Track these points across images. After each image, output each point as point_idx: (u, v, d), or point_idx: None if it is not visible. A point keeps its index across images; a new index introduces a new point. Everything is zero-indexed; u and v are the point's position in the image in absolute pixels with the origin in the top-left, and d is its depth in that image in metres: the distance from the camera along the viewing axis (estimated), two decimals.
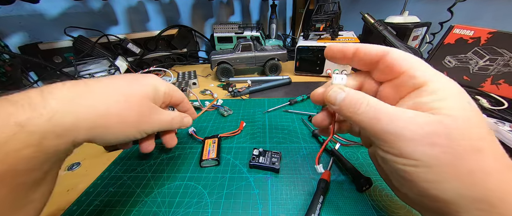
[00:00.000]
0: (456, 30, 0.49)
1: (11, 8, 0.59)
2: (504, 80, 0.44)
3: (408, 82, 0.17)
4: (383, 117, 0.15)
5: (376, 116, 0.16)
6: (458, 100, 0.15)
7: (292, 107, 0.47)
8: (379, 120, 0.16)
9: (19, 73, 0.58)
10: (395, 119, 0.15)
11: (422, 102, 0.15)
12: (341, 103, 0.18)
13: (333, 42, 0.60)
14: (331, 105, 0.19)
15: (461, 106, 0.15)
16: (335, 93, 0.18)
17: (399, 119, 0.15)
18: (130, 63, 0.73)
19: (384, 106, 0.16)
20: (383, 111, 0.16)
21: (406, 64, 0.17)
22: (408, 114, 0.15)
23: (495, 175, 0.13)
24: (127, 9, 0.82)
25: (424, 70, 0.16)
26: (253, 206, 0.25)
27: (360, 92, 0.18)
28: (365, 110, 0.16)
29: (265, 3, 1.11)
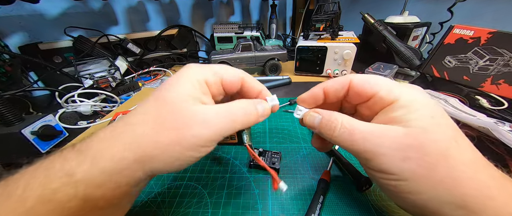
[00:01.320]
0: (456, 30, 0.49)
1: (11, 8, 0.59)
2: (504, 80, 0.44)
3: (379, 102, 0.18)
4: (358, 136, 0.16)
5: (351, 136, 0.17)
6: (427, 110, 0.16)
7: (292, 107, 0.47)
8: (354, 140, 0.16)
9: (19, 73, 0.58)
10: (369, 136, 0.16)
11: (393, 116, 0.16)
12: (319, 126, 0.19)
13: (333, 42, 0.60)
14: (311, 128, 0.20)
15: (429, 115, 0.15)
16: (312, 117, 0.20)
17: (373, 136, 0.16)
18: (130, 63, 0.73)
19: (357, 125, 0.17)
20: (357, 130, 0.17)
21: (371, 89, 0.18)
22: (380, 129, 0.16)
23: (467, 180, 0.14)
24: (127, 9, 0.82)
25: (390, 89, 0.17)
26: (253, 206, 0.25)
27: (335, 114, 0.18)
28: (340, 132, 0.17)
29: (265, 3, 1.11)
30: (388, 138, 0.15)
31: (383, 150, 0.15)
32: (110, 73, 0.59)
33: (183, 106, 0.16)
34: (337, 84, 0.20)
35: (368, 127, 0.17)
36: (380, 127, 0.16)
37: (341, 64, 0.61)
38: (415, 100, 0.16)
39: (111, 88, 0.57)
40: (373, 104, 0.18)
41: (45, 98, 0.64)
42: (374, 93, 0.18)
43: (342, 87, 0.20)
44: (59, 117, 0.46)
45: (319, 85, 0.21)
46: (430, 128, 0.15)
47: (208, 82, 0.18)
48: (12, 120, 0.34)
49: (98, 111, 0.52)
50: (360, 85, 0.19)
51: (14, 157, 0.36)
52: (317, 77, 0.65)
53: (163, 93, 0.17)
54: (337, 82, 0.20)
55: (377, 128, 0.16)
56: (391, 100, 0.17)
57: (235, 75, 0.20)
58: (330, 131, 0.18)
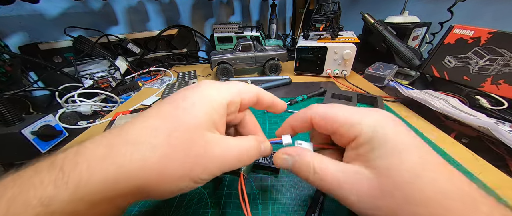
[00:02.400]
0: (456, 30, 0.49)
1: (11, 8, 0.59)
2: (504, 80, 0.44)
3: (342, 138, 0.17)
4: (330, 182, 0.16)
5: (324, 182, 0.16)
6: (389, 144, 0.15)
7: (292, 107, 0.47)
8: (327, 186, 0.16)
9: (19, 73, 0.58)
10: (341, 182, 0.16)
11: (358, 154, 0.16)
12: (293, 170, 0.18)
13: (333, 42, 0.60)
14: (286, 169, 0.19)
15: (391, 150, 0.14)
16: (283, 160, 0.19)
17: (345, 182, 0.15)
18: (130, 63, 0.73)
19: (329, 169, 0.16)
20: (328, 176, 0.16)
21: (330, 126, 0.18)
22: (348, 174, 0.16)
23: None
24: (127, 9, 0.82)
25: (350, 124, 0.16)
26: (253, 206, 0.25)
27: (307, 156, 0.18)
28: (314, 178, 0.17)
29: (265, 3, 1.11)
30: (356, 187, 0.15)
31: (353, 198, 0.15)
32: (110, 73, 0.59)
33: (198, 135, 0.15)
34: (298, 120, 0.20)
35: (338, 172, 0.16)
36: (349, 171, 0.16)
37: (341, 64, 0.61)
38: (375, 134, 0.15)
39: (111, 88, 0.57)
40: (338, 139, 0.18)
41: (45, 98, 0.64)
42: (334, 130, 0.17)
43: (304, 123, 0.20)
44: (59, 117, 0.46)
45: (286, 121, 0.21)
46: (392, 169, 0.14)
47: (230, 104, 0.17)
48: (12, 120, 0.34)
49: (98, 111, 0.52)
50: (321, 123, 0.18)
51: (15, 157, 0.36)
52: (317, 77, 0.65)
53: (178, 113, 0.15)
54: (298, 118, 0.20)
55: (346, 173, 0.16)
56: (353, 136, 0.16)
57: (253, 92, 0.20)
58: (304, 176, 0.17)
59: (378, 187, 0.14)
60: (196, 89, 0.17)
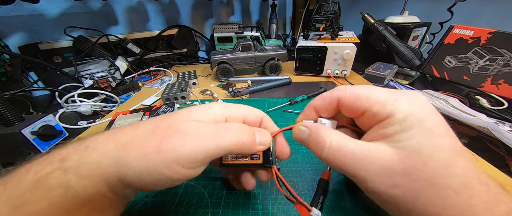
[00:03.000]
0: (456, 30, 0.49)
1: (11, 8, 0.59)
2: (504, 80, 0.44)
3: (372, 118, 0.16)
4: (347, 158, 0.15)
5: (340, 157, 0.16)
6: (423, 127, 0.14)
7: (292, 107, 0.47)
8: (343, 162, 0.16)
9: (19, 73, 0.58)
10: (358, 158, 0.15)
11: (384, 133, 0.15)
12: (307, 142, 0.18)
13: (333, 42, 0.60)
14: (300, 142, 0.19)
15: (425, 134, 0.14)
16: (300, 131, 0.19)
17: (362, 159, 0.15)
18: (130, 63, 0.73)
19: (347, 145, 0.16)
20: (346, 151, 0.16)
21: (361, 105, 0.17)
22: (369, 151, 0.15)
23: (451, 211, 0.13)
24: (127, 9, 0.82)
25: (384, 103, 0.15)
26: (253, 206, 0.25)
27: (323, 130, 0.17)
28: (329, 152, 0.16)
29: (265, 3, 1.11)
30: (375, 162, 0.15)
31: (370, 175, 0.15)
32: (110, 73, 0.59)
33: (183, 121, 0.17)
34: (324, 102, 0.19)
35: (358, 147, 0.16)
36: (369, 149, 0.15)
37: (341, 64, 0.61)
38: (411, 114, 0.14)
39: (111, 88, 0.57)
40: (366, 119, 0.17)
41: (45, 98, 0.64)
42: (366, 109, 0.16)
43: (329, 105, 0.19)
44: (59, 117, 0.46)
45: (309, 104, 0.21)
46: (423, 151, 0.14)
47: (229, 118, 0.19)
48: (12, 120, 0.34)
49: (98, 111, 0.52)
50: (350, 102, 0.17)
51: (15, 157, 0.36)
52: (317, 77, 0.65)
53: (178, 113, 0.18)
54: (324, 100, 0.19)
55: (366, 150, 0.15)
56: (385, 115, 0.15)
57: (257, 115, 0.21)
58: (318, 149, 0.17)
59: (401, 166, 0.14)
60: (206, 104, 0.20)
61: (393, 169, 0.14)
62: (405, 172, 0.14)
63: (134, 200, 0.27)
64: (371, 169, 0.15)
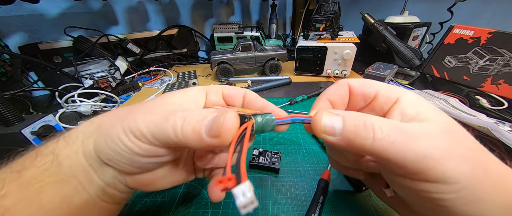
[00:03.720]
0: (456, 30, 0.49)
1: (11, 8, 0.59)
2: (504, 80, 0.44)
3: (383, 102, 0.16)
4: (407, 139, 0.12)
5: (397, 140, 0.12)
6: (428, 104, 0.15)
7: (292, 107, 0.47)
8: (403, 144, 0.12)
9: (19, 73, 0.58)
10: (416, 137, 0.12)
11: (409, 114, 0.14)
12: (344, 133, 0.13)
13: (333, 42, 0.60)
14: (328, 137, 0.14)
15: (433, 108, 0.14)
16: (329, 120, 0.14)
17: (420, 136, 0.12)
18: (130, 63, 0.73)
19: (400, 126, 0.13)
20: (403, 131, 0.13)
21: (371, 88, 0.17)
22: (423, 128, 0.13)
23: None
24: (127, 9, 0.82)
25: (389, 87, 0.16)
26: None
27: (361, 113, 0.14)
28: (383, 140, 0.12)
29: (265, 3, 1.11)
30: (439, 139, 0.12)
31: (441, 153, 0.12)
32: (110, 73, 0.59)
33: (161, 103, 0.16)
34: (337, 91, 0.18)
35: (411, 127, 0.13)
36: (420, 126, 0.13)
37: (341, 64, 0.61)
38: (414, 95, 0.15)
39: (111, 88, 0.57)
40: (376, 106, 0.17)
41: (45, 98, 0.64)
42: (376, 92, 0.17)
43: (344, 92, 0.18)
44: (59, 117, 0.46)
45: (322, 96, 0.18)
46: (451, 122, 0.14)
47: (208, 91, 0.20)
48: (12, 120, 0.34)
49: (98, 111, 0.52)
50: (361, 86, 0.17)
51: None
52: (317, 77, 0.65)
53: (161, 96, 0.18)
54: (336, 89, 0.18)
55: (420, 128, 0.13)
56: (396, 97, 0.15)
57: (237, 90, 0.20)
58: (364, 136, 0.13)
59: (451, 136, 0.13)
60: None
61: (450, 140, 0.13)
62: (457, 140, 0.13)
63: (134, 200, 0.27)
64: (438, 146, 0.12)
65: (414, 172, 0.12)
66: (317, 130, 0.14)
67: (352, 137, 0.13)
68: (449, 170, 0.12)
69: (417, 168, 0.12)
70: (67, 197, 0.14)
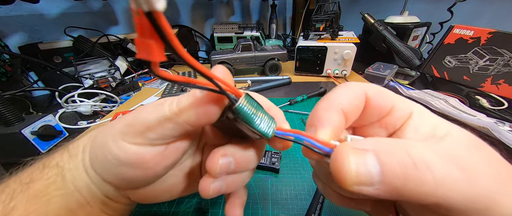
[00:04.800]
0: (456, 30, 0.49)
1: (11, 8, 0.59)
2: (504, 80, 0.44)
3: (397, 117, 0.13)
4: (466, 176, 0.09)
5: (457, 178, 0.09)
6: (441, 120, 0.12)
7: (292, 107, 0.47)
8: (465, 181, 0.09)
9: (19, 73, 0.58)
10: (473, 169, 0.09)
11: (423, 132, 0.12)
12: (386, 178, 0.09)
13: (333, 42, 0.60)
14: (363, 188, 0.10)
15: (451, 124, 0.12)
16: (363, 165, 0.10)
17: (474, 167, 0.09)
18: (130, 63, 0.73)
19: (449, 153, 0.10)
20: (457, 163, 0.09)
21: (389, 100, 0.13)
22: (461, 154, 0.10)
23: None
24: (127, 9, 0.82)
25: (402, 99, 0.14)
26: (253, 206, 0.25)
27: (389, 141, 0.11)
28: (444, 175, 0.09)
29: (265, 3, 1.11)
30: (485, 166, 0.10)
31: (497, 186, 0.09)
32: (110, 73, 0.59)
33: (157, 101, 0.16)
34: (355, 99, 0.13)
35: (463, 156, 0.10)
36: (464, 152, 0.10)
37: (341, 64, 0.61)
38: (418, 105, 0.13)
39: (111, 88, 0.57)
40: (389, 121, 0.13)
41: (45, 98, 0.64)
42: (392, 105, 0.13)
43: (360, 103, 0.13)
44: (59, 117, 0.46)
45: (334, 105, 0.13)
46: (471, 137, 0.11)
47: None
48: (12, 120, 0.34)
49: (98, 111, 0.52)
50: (377, 98, 0.13)
51: (15, 157, 0.36)
52: (317, 77, 0.65)
53: None
54: (356, 97, 0.13)
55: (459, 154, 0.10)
56: (410, 111, 0.13)
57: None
58: (420, 179, 0.09)
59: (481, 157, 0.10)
60: None
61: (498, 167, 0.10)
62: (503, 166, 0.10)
63: None
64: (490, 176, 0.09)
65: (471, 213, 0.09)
66: (345, 181, 0.10)
67: (401, 184, 0.09)
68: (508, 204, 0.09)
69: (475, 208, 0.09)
70: (72, 210, 0.14)
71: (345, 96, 0.13)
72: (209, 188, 0.14)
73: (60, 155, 0.16)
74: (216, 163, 0.14)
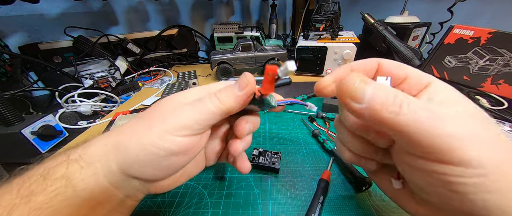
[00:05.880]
0: (456, 30, 0.49)
1: (11, 8, 0.59)
2: (504, 80, 0.44)
3: (412, 86, 0.16)
4: (431, 116, 0.12)
5: (424, 117, 0.12)
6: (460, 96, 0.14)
7: (292, 107, 0.47)
8: (428, 119, 0.12)
9: (19, 73, 0.58)
10: (443, 116, 0.12)
11: (441, 99, 0.14)
12: (372, 101, 0.12)
13: (333, 42, 0.60)
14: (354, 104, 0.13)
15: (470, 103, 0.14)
16: (361, 87, 0.13)
17: (447, 116, 0.12)
18: (130, 63, 0.73)
19: (426, 104, 0.13)
20: (429, 110, 0.12)
21: (402, 70, 0.17)
22: (451, 111, 0.13)
23: None
24: (127, 9, 0.82)
25: (418, 71, 0.16)
26: (253, 206, 0.25)
27: (389, 86, 0.13)
28: (409, 115, 0.12)
29: (265, 3, 1.11)
30: (466, 122, 0.12)
31: (467, 136, 0.11)
32: (110, 73, 0.59)
33: (170, 102, 0.18)
34: (365, 64, 0.17)
35: (438, 108, 0.13)
36: (447, 109, 0.13)
37: (341, 64, 0.61)
38: (443, 83, 0.15)
39: (111, 88, 0.57)
40: (404, 88, 0.16)
41: (45, 98, 0.64)
42: (406, 75, 0.16)
43: (370, 69, 0.17)
44: (59, 117, 0.46)
45: (345, 66, 0.18)
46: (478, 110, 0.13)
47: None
48: (12, 120, 0.34)
49: (98, 111, 0.52)
50: (390, 67, 0.17)
51: (15, 157, 0.36)
52: (317, 77, 0.65)
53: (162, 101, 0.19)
54: (365, 63, 0.17)
55: (447, 110, 0.13)
56: (427, 82, 0.15)
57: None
58: (389, 110, 0.12)
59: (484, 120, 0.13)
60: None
61: (484, 130, 0.12)
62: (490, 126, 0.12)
63: None
64: (467, 126, 0.12)
65: (436, 152, 0.12)
66: (347, 92, 0.13)
67: (379, 108, 0.12)
68: (475, 153, 0.11)
69: (439, 147, 0.11)
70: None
71: (358, 62, 0.18)
72: (239, 147, 0.19)
73: (64, 167, 0.15)
74: (244, 127, 0.19)
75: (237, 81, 0.17)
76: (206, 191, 0.27)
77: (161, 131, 0.15)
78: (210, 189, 0.28)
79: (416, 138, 0.12)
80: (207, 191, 0.28)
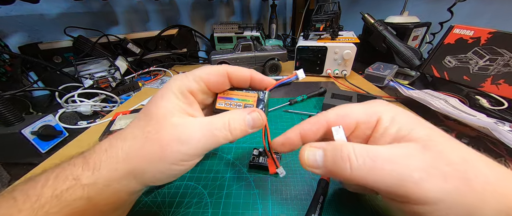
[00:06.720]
0: (456, 30, 0.49)
1: (11, 8, 0.59)
2: (504, 80, 0.44)
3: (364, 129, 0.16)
4: (383, 165, 0.13)
5: (374, 167, 0.13)
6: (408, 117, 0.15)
7: (292, 107, 0.47)
8: (380, 170, 0.13)
9: (19, 73, 0.58)
10: (397, 161, 0.13)
11: (392, 134, 0.15)
12: (325, 165, 0.15)
13: (333, 42, 0.60)
14: (313, 170, 0.15)
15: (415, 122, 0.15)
16: (312, 155, 0.15)
17: (402, 160, 0.13)
18: (130, 63, 0.73)
19: (378, 152, 0.13)
20: (379, 157, 0.13)
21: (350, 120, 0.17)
22: (401, 151, 0.13)
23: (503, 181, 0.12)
24: (127, 9, 0.82)
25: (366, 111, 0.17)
26: (253, 206, 0.25)
27: (339, 143, 0.15)
28: (359, 165, 0.13)
29: (265, 3, 1.11)
30: (417, 159, 0.13)
31: (419, 175, 0.12)
32: (110, 73, 0.59)
33: (167, 121, 0.17)
34: (313, 126, 0.18)
35: (388, 151, 0.13)
36: (398, 149, 0.13)
37: (341, 64, 0.61)
38: (392, 111, 0.16)
39: (111, 88, 0.57)
40: (359, 133, 0.17)
41: (45, 98, 0.64)
42: (356, 122, 0.16)
43: (318, 128, 0.18)
44: (59, 117, 0.46)
45: (295, 128, 0.19)
46: (431, 135, 0.14)
47: (192, 92, 0.19)
48: (12, 120, 0.34)
49: (98, 111, 0.52)
50: (336, 119, 0.17)
51: (15, 157, 0.36)
52: (317, 77, 0.65)
53: (150, 107, 0.18)
54: (314, 124, 0.18)
55: (397, 151, 0.13)
56: (376, 119, 0.16)
57: (219, 74, 0.19)
58: (342, 167, 0.13)
59: (435, 153, 0.13)
60: (165, 85, 0.19)
61: (434, 159, 0.12)
62: (442, 157, 0.13)
63: None
64: (417, 168, 0.12)
65: (399, 195, 0.13)
66: (303, 164, 0.16)
67: (333, 169, 0.14)
68: (430, 191, 0.12)
69: (397, 192, 0.13)
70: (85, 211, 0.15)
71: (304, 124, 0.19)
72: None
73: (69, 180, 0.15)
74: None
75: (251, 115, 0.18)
76: (206, 191, 0.27)
77: (177, 160, 0.16)
78: (210, 189, 0.28)
79: (376, 186, 0.13)
80: (207, 191, 0.28)
